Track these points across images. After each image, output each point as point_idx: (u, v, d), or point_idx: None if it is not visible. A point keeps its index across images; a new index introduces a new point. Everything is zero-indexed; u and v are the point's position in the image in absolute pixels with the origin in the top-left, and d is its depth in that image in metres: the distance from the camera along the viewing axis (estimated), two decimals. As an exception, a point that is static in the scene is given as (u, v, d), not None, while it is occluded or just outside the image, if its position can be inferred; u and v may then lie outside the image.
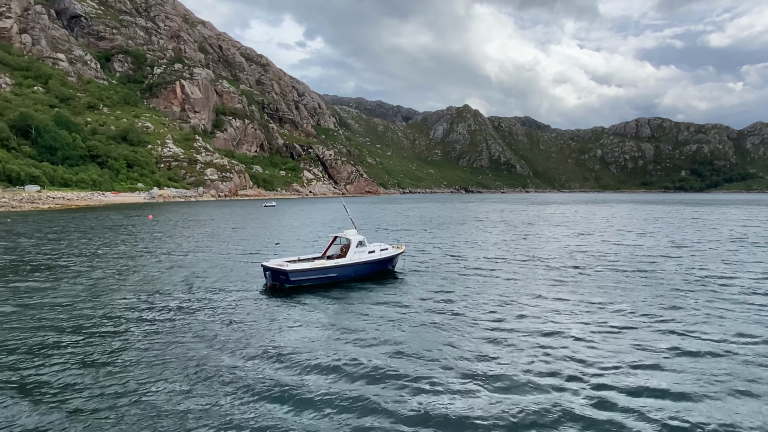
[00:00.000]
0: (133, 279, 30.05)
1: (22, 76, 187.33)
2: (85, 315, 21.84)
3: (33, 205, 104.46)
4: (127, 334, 19.27)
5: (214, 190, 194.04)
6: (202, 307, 23.47)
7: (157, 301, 24.66)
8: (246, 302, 24.62)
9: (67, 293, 25.98)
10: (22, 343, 17.96)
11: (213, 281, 29.60)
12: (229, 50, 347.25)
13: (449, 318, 21.99)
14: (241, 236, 55.33)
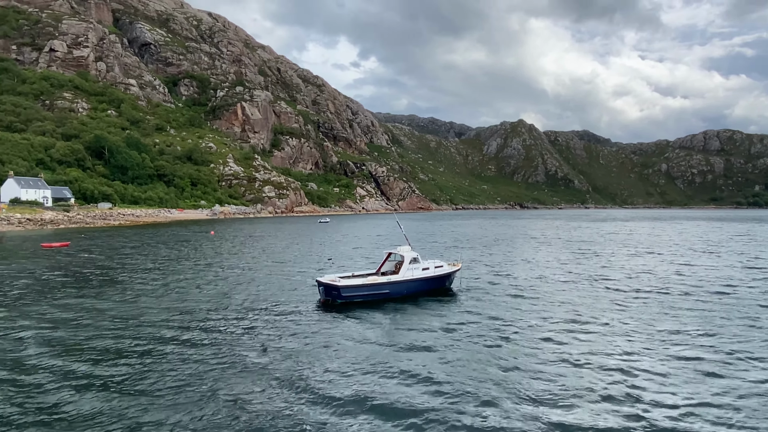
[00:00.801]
0: (193, 293, 31.09)
1: (97, 100, 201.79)
2: (144, 327, 22.72)
3: (105, 222, 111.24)
4: (184, 347, 19.83)
5: (271, 206, 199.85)
6: (257, 321, 23.89)
7: (213, 314, 25.34)
8: (300, 317, 24.85)
9: (130, 306, 27.20)
10: (88, 348, 18.88)
11: (268, 296, 30.16)
12: (287, 72, 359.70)
13: (505, 341, 21.16)
14: (295, 252, 56.38)
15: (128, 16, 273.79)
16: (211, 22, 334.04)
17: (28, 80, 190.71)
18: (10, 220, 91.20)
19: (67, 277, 36.36)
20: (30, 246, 59.80)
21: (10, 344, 19.82)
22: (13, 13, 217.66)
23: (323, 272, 38.17)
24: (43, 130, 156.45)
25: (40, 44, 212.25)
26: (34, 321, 23.46)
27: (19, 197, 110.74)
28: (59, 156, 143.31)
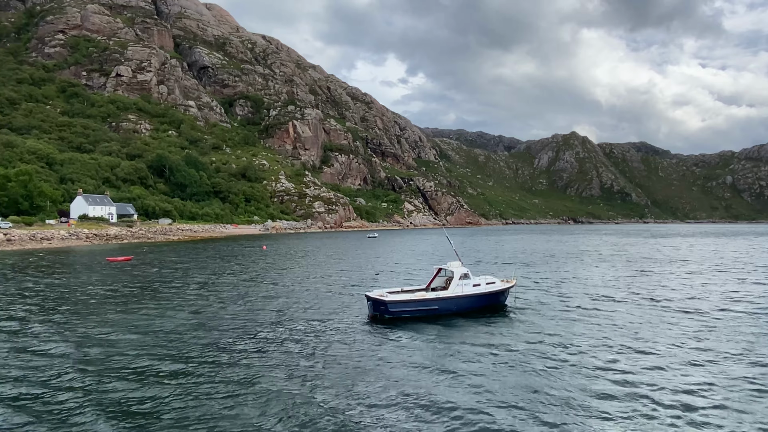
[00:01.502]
0: (246, 308, 31.85)
1: (159, 121, 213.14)
2: (199, 340, 23.42)
3: (165, 237, 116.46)
4: (236, 360, 20.27)
5: (321, 222, 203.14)
6: (307, 335, 24.13)
7: (264, 329, 25.81)
8: (348, 331, 24.92)
9: (185, 319, 28.15)
10: (146, 357, 19.64)
11: (318, 310, 30.47)
12: (336, 91, 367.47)
13: (559, 364, 20.21)
14: (344, 267, 56.88)
15: (188, 41, 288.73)
16: (264, 45, 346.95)
17: (96, 104, 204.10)
18: (78, 235, 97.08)
19: (131, 290, 38.16)
20: (97, 260, 63.31)
21: (79, 349, 20.92)
22: (84, 41, 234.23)
23: (372, 287, 38.22)
24: (109, 150, 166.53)
25: (107, 70, 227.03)
26: (99, 329, 24.68)
27: (87, 214, 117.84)
28: (124, 174, 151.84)
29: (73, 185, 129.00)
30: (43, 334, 23.97)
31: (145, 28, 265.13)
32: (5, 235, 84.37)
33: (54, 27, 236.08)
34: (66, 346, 21.92)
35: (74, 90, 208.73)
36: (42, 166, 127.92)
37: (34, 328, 25.20)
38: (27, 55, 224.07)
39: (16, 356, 20.35)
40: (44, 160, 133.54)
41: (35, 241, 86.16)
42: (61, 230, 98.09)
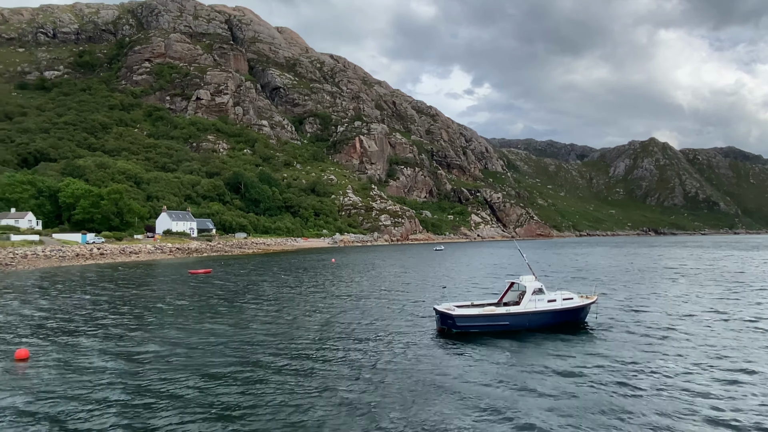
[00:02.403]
0: (316, 319, 32.50)
1: (235, 141, 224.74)
2: (266, 349, 24.12)
3: (241, 250, 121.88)
4: (303, 372, 20.65)
5: (387, 234, 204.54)
6: (373, 347, 24.21)
7: (333, 341, 26.19)
8: (415, 345, 24.72)
9: (260, 329, 29.12)
10: (219, 364, 20.47)
11: (385, 323, 30.53)
12: (402, 105, 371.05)
13: (640, 394, 18.82)
14: (411, 279, 56.76)
15: (261, 64, 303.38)
16: (332, 64, 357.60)
17: (179, 126, 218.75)
18: (163, 249, 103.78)
19: (210, 301, 40.15)
20: (179, 272, 67.28)
21: (166, 354, 22.23)
22: (167, 68, 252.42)
23: (440, 300, 37.80)
24: (190, 169, 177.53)
25: (188, 94, 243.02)
26: (183, 337, 26.12)
27: (170, 229, 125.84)
28: (203, 191, 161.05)
29: (158, 202, 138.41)
30: (135, 339, 25.69)
31: (222, 53, 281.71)
32: (99, 249, 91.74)
33: (141, 56, 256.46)
34: (156, 350, 23.34)
35: (159, 114, 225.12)
36: (131, 185, 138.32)
37: (123, 334, 27.07)
38: (117, 82, 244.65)
39: (111, 359, 21.92)
40: (133, 180, 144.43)
41: (125, 254, 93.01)
42: (147, 244, 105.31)
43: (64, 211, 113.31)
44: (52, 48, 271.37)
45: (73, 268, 70.25)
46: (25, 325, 30.17)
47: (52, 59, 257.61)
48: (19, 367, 21.05)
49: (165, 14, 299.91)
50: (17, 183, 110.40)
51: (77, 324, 30.29)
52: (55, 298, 40.93)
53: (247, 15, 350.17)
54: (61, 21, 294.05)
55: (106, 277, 59.59)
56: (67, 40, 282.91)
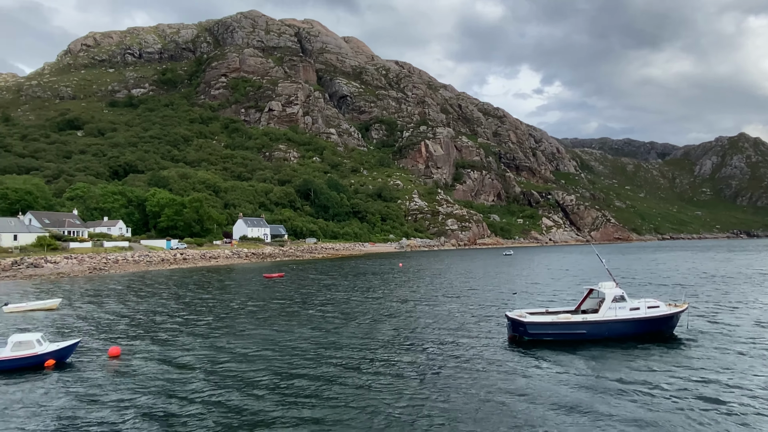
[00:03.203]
0: (384, 324, 32.71)
1: (304, 149, 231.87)
2: (339, 352, 24.52)
3: (311, 255, 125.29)
4: (372, 375, 20.82)
5: (454, 239, 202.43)
6: (441, 354, 23.99)
7: (402, 345, 26.22)
8: (484, 352, 24.24)
9: (329, 331, 29.72)
10: (296, 365, 21.07)
11: (454, 328, 30.17)
12: (468, 108, 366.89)
13: (737, 409, 17.53)
14: (479, 284, 55.78)
15: (329, 74, 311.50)
16: (397, 70, 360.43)
17: (252, 137, 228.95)
18: (239, 254, 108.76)
19: (283, 304, 41.57)
20: (255, 276, 70.21)
21: (237, 356, 23.28)
22: (242, 82, 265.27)
23: (512, 307, 36.85)
24: (264, 177, 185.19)
25: (261, 106, 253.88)
26: (260, 339, 27.21)
27: (246, 234, 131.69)
28: (276, 198, 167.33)
29: (234, 210, 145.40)
30: (216, 339, 27.09)
31: (293, 65, 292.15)
32: (182, 254, 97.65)
33: (218, 72, 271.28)
34: (234, 349, 24.49)
35: (235, 126, 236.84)
36: (210, 194, 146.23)
37: (205, 334, 28.60)
38: (197, 97, 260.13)
39: (194, 357, 23.24)
40: (212, 189, 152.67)
41: (205, 259, 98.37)
42: (225, 250, 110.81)
43: (150, 219, 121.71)
44: (138, 67, 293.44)
45: (159, 273, 75.23)
46: (118, 325, 32.66)
47: (138, 78, 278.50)
48: (111, 364, 22.80)
49: (239, 30, 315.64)
50: (109, 193, 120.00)
51: (164, 324, 32.38)
52: (143, 301, 44.01)
53: (315, 27, 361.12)
54: (146, 42, 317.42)
55: (189, 280, 63.28)
56: (151, 60, 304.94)
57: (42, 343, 22.49)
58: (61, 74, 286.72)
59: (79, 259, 77.63)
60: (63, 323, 33.16)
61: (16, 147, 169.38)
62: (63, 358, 22.82)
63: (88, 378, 20.64)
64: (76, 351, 24.26)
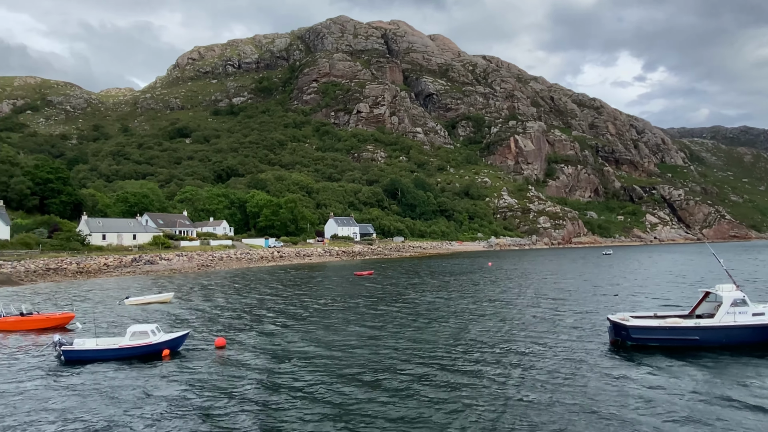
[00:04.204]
0: (476, 325, 32.13)
1: (391, 149, 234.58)
2: (425, 352, 24.40)
3: (399, 253, 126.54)
4: (464, 377, 20.48)
5: (547, 237, 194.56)
6: (538, 358, 23.07)
7: (495, 349, 25.58)
8: (583, 357, 22.94)
9: (419, 330, 29.72)
10: (379, 363, 21.31)
11: (550, 331, 28.94)
12: (561, 99, 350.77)
13: None
14: (576, 285, 53.07)
15: (415, 73, 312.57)
16: (485, 65, 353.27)
17: (342, 139, 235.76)
18: (330, 252, 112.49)
19: (373, 301, 42.37)
20: (345, 274, 72.26)
21: (327, 349, 24.04)
22: (332, 86, 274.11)
23: (612, 310, 34.64)
24: (353, 178, 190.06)
25: (350, 108, 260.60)
26: (351, 335, 27.95)
27: (336, 234, 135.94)
28: (364, 198, 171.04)
29: (325, 209, 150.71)
30: (312, 334, 28.23)
31: (379, 66, 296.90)
32: (279, 252, 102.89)
33: (309, 77, 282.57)
34: (327, 345, 25.37)
35: (325, 129, 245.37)
36: (303, 195, 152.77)
37: (303, 329, 29.87)
38: (290, 103, 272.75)
39: (293, 350, 24.37)
40: (305, 190, 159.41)
41: (299, 257, 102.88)
42: (318, 248, 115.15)
43: (250, 219, 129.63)
44: (238, 77, 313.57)
45: (259, 269, 79.84)
46: (223, 317, 35.07)
47: (238, 87, 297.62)
48: (218, 354, 24.51)
49: (328, 36, 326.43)
50: (214, 196, 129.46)
51: (264, 318, 34.27)
52: (246, 296, 46.92)
53: (402, 27, 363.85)
54: (244, 53, 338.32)
55: (286, 277, 66.51)
56: (249, 69, 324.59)
57: (156, 333, 24.65)
58: (171, 87, 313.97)
59: (189, 257, 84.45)
60: (175, 315, 36.22)
61: (134, 155, 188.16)
62: (175, 347, 24.87)
63: (198, 367, 22.34)
64: (186, 341, 26.34)
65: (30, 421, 16.08)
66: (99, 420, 16.14)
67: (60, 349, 23.32)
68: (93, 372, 21.66)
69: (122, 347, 23.78)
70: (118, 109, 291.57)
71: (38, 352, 25.33)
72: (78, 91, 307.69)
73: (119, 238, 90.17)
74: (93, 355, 23.44)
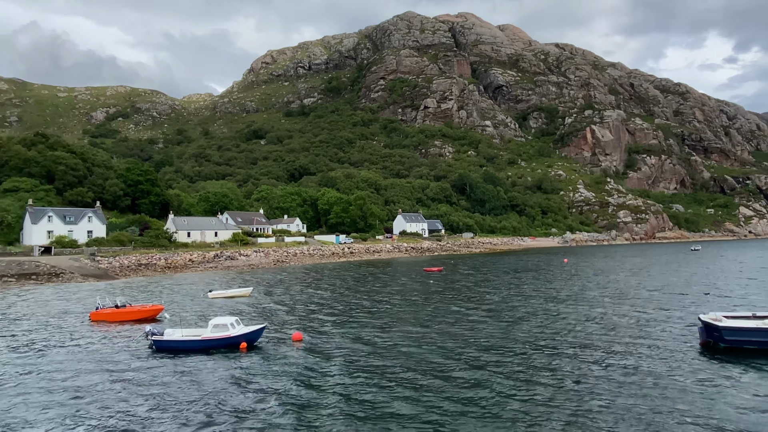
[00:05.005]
0: (555, 324, 31.03)
1: (459, 144, 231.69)
2: (500, 351, 23.82)
3: (468, 249, 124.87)
4: (534, 382, 19.82)
5: (627, 233, 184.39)
6: (621, 359, 21.88)
7: (573, 348, 24.57)
8: (670, 358, 21.46)
9: (491, 325, 29.11)
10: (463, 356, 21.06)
11: (634, 332, 27.38)
12: (641, 86, 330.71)
13: None
14: (662, 283, 49.81)
15: (483, 65, 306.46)
16: (557, 53, 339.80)
17: (409, 135, 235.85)
18: (399, 248, 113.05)
19: (445, 298, 42.11)
20: (414, 270, 72.33)
21: (398, 345, 24.14)
22: (399, 83, 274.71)
23: (703, 309, 32.21)
24: (420, 174, 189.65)
25: (417, 104, 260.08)
26: (423, 333, 27.94)
27: (405, 230, 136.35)
28: (432, 194, 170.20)
29: (394, 206, 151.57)
30: (383, 329, 28.53)
31: (447, 60, 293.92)
32: (349, 248, 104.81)
33: (377, 75, 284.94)
34: (398, 341, 25.53)
35: (393, 126, 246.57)
36: (372, 192, 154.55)
37: (375, 324, 30.23)
38: (358, 102, 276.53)
39: (365, 345, 24.75)
40: (373, 187, 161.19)
41: (369, 253, 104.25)
42: (387, 244, 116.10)
43: (321, 216, 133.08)
44: (308, 78, 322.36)
45: (330, 265, 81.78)
46: (298, 312, 36.24)
47: (308, 88, 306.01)
48: (295, 348, 25.34)
49: (395, 33, 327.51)
50: (287, 194, 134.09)
51: (338, 313, 35.05)
52: (320, 291, 48.22)
53: (469, 19, 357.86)
54: (314, 54, 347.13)
55: (357, 273, 67.65)
56: (319, 70, 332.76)
57: (235, 326, 25.86)
58: (246, 90, 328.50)
59: (266, 253, 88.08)
60: (253, 309, 37.89)
61: (214, 156, 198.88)
62: (253, 340, 25.98)
63: (275, 359, 23.22)
64: (264, 334, 27.45)
65: (127, 399, 17.46)
66: (184, 403, 17.21)
67: (151, 338, 25.18)
68: (179, 360, 23.13)
69: (204, 339, 25.17)
70: (199, 114, 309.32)
71: (133, 340, 27.42)
72: (163, 98, 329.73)
73: (202, 235, 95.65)
74: (179, 345, 25.03)
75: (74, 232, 76.92)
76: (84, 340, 27.49)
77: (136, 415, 16.40)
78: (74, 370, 21.59)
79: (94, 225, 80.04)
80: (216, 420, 15.97)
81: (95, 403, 17.56)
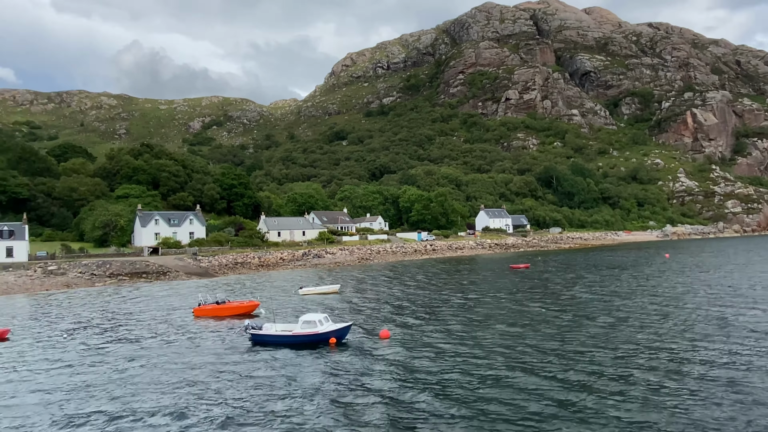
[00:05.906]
0: (654, 328, 29.06)
1: (544, 135, 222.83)
2: (598, 351, 22.55)
3: (556, 245, 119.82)
4: (632, 392, 18.57)
5: (737, 224, 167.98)
6: (734, 368, 19.97)
7: (674, 354, 22.81)
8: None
9: (591, 326, 27.69)
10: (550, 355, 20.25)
11: (747, 336, 24.89)
12: (749, 63, 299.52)
13: None
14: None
15: (568, 51, 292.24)
16: (651, 33, 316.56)
17: (490, 129, 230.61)
18: (483, 245, 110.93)
19: (534, 297, 40.78)
20: (499, 267, 70.69)
21: (483, 345, 23.66)
22: (478, 76, 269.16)
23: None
24: (503, 168, 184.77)
25: (498, 96, 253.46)
26: (509, 332, 27.25)
27: (488, 226, 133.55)
28: (516, 188, 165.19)
29: (476, 202, 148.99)
30: (469, 328, 28.19)
31: (528, 49, 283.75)
32: (431, 245, 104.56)
33: (455, 70, 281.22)
34: (490, 342, 25.08)
35: (473, 120, 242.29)
36: (453, 188, 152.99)
37: (461, 322, 29.94)
38: (437, 98, 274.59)
39: (452, 343, 24.57)
40: (454, 183, 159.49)
41: (451, 250, 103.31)
42: (469, 241, 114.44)
43: (403, 214, 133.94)
44: (387, 78, 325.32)
45: (413, 262, 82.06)
46: (383, 309, 36.72)
47: (387, 87, 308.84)
48: (382, 345, 25.68)
49: (474, 25, 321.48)
50: (369, 193, 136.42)
51: (423, 311, 35.10)
52: (404, 288, 48.57)
53: (552, 5, 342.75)
54: (392, 54, 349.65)
55: (440, 270, 67.34)
56: (397, 69, 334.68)
57: (323, 323, 26.71)
58: (328, 94, 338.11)
59: (350, 251, 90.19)
60: (341, 305, 38.93)
61: (300, 159, 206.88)
62: (340, 337, 26.69)
63: (363, 356, 23.68)
64: (351, 331, 28.09)
65: (227, 388, 18.64)
66: (278, 393, 18.04)
67: (250, 332, 26.83)
68: (273, 353, 24.33)
69: (295, 334, 26.30)
70: (285, 119, 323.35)
71: (233, 334, 29.22)
72: (252, 105, 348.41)
73: (291, 234, 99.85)
74: (272, 340, 26.37)
75: (178, 233, 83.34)
76: (189, 335, 29.70)
77: (237, 406, 17.43)
78: (182, 363, 23.39)
79: (195, 227, 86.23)
80: (307, 412, 16.56)
81: (200, 393, 18.89)
